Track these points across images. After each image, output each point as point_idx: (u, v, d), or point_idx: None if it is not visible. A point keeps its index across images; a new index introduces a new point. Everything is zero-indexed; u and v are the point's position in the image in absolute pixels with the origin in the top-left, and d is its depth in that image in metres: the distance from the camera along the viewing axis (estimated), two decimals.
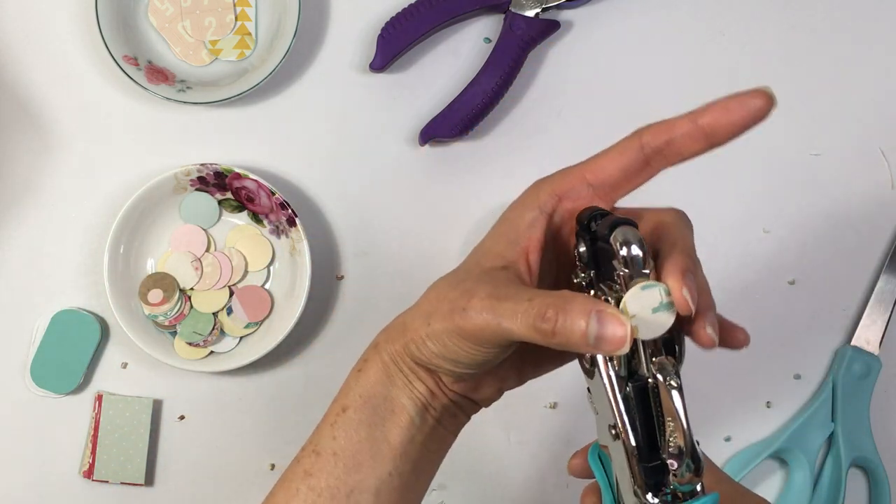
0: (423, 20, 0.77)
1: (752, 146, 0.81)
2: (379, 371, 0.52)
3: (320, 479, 0.52)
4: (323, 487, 0.52)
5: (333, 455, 0.52)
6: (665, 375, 0.44)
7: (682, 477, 0.45)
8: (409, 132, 0.79)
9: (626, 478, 0.47)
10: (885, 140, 0.82)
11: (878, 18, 0.82)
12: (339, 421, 0.52)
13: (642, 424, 0.46)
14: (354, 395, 0.53)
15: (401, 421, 0.52)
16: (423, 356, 0.50)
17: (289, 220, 0.75)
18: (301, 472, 0.53)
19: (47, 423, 0.76)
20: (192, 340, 0.76)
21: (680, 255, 0.46)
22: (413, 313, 0.51)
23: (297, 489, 0.52)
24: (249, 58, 0.78)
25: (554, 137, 0.80)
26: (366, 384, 0.52)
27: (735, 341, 0.49)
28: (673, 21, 0.81)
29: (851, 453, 0.78)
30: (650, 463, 0.46)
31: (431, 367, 0.51)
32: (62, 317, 0.76)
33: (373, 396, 0.52)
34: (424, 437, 0.53)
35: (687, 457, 0.45)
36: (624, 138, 0.50)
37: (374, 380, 0.52)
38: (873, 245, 0.81)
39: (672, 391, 0.44)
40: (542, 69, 0.80)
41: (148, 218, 0.76)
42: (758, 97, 0.48)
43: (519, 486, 0.78)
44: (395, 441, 0.52)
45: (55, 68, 0.78)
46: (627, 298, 0.44)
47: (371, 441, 0.52)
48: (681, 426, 0.44)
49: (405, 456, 0.52)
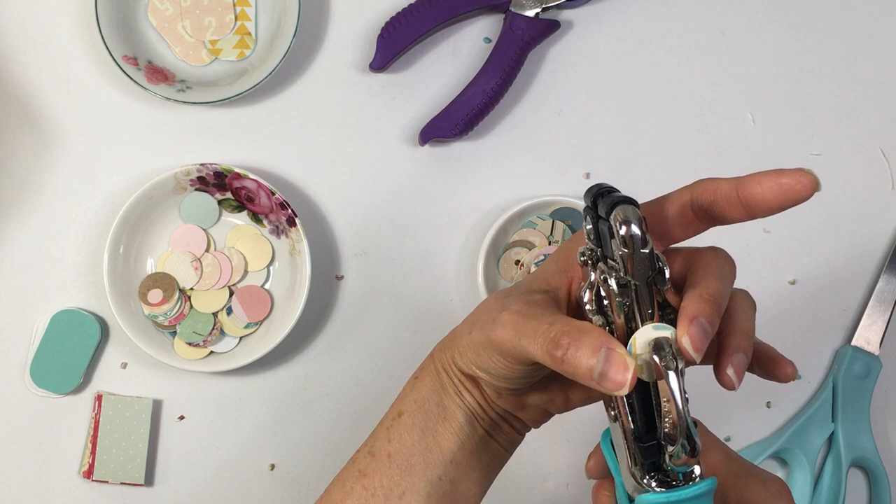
0: (423, 20, 0.77)
1: (753, 146, 0.81)
2: (433, 379, 0.54)
3: (374, 479, 0.53)
4: (376, 487, 0.53)
5: (388, 457, 0.54)
6: (661, 356, 0.44)
7: (678, 458, 0.45)
8: (409, 132, 0.79)
9: (624, 459, 0.47)
10: (885, 140, 0.82)
11: (878, 18, 0.82)
12: (395, 425, 0.54)
13: (641, 405, 0.46)
14: (409, 401, 0.55)
15: (451, 427, 0.54)
16: (464, 365, 0.52)
17: (289, 220, 0.75)
18: (356, 471, 0.54)
19: (47, 423, 0.76)
20: (191, 340, 0.76)
21: (697, 299, 0.46)
22: (462, 324, 0.53)
23: (351, 488, 0.54)
24: (249, 58, 0.78)
25: (554, 137, 0.80)
26: (420, 391, 0.55)
27: (782, 375, 0.51)
28: (673, 21, 0.81)
29: (851, 453, 0.78)
30: (646, 443, 0.46)
31: (474, 376, 0.53)
32: (62, 317, 0.76)
33: (426, 402, 0.54)
34: (474, 445, 0.54)
35: (682, 437, 0.44)
36: (680, 188, 0.50)
37: (429, 387, 0.54)
38: (873, 245, 0.81)
39: (668, 372, 0.44)
40: (542, 69, 0.80)
41: (148, 218, 0.76)
42: (798, 180, 0.47)
43: (519, 485, 0.78)
44: (446, 446, 0.53)
45: (55, 68, 0.78)
46: (637, 337, 0.45)
47: (423, 445, 0.53)
48: (675, 407, 0.44)
49: (455, 462, 0.53)
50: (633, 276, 0.45)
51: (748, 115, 0.81)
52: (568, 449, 0.79)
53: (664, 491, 0.45)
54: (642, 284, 0.45)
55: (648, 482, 0.46)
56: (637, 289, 0.45)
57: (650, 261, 0.45)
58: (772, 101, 0.81)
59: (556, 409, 0.55)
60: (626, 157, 0.80)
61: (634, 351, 0.44)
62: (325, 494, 0.55)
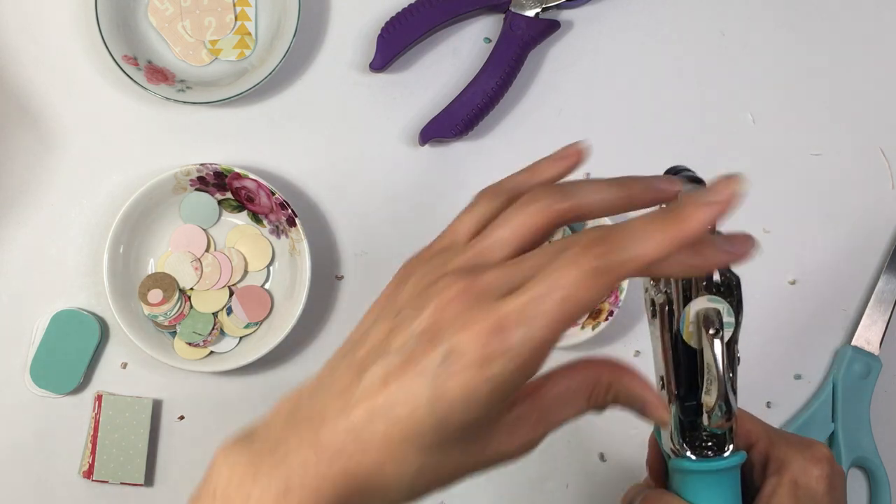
0: (423, 20, 0.77)
1: (753, 146, 0.81)
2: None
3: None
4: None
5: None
6: (708, 326, 0.47)
7: (715, 420, 0.48)
8: (409, 132, 0.79)
9: (668, 421, 0.49)
10: (885, 140, 0.82)
11: (878, 18, 0.82)
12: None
13: (687, 369, 0.48)
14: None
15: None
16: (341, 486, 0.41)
17: (289, 220, 0.75)
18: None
19: (47, 423, 0.76)
20: (191, 340, 0.76)
21: None
22: (322, 407, 0.42)
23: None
24: (249, 58, 0.78)
25: (554, 137, 0.80)
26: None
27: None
28: (673, 21, 0.81)
29: (851, 453, 0.78)
30: (687, 403, 0.49)
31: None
32: (62, 317, 0.76)
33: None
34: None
35: (720, 400, 0.47)
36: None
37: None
38: (873, 245, 0.81)
39: (714, 340, 0.47)
40: (542, 69, 0.80)
41: (148, 218, 0.76)
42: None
43: (519, 486, 0.78)
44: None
45: (55, 68, 0.78)
46: (691, 306, 0.48)
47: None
48: (716, 373, 0.47)
49: None
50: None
51: (748, 115, 0.81)
52: (568, 449, 0.79)
53: (696, 459, 0.49)
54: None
55: (684, 446, 0.49)
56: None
57: None
58: (772, 101, 0.81)
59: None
60: (627, 157, 0.80)
61: (688, 318, 0.47)
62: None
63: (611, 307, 0.76)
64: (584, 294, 0.40)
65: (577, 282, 0.39)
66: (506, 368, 0.40)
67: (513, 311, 0.40)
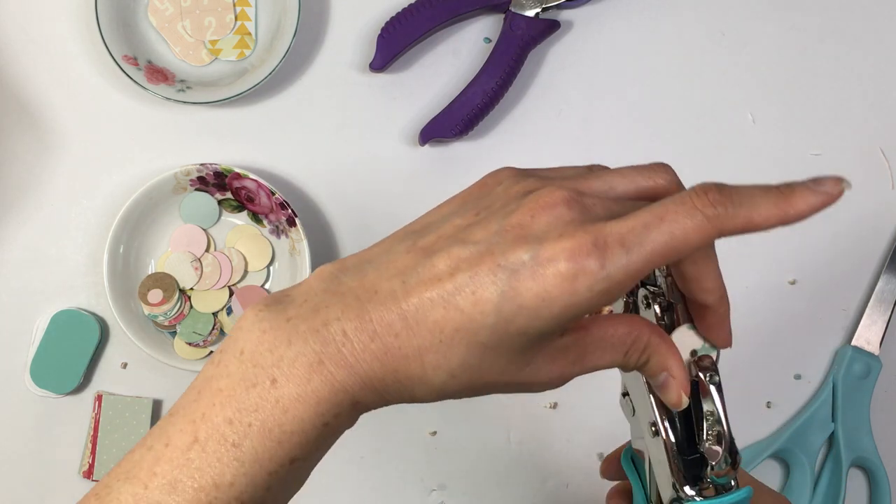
0: (423, 20, 0.77)
1: (753, 146, 0.81)
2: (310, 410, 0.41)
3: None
4: None
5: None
6: (706, 373, 0.45)
7: (720, 469, 0.46)
8: (409, 132, 0.79)
9: (665, 473, 0.47)
10: (885, 140, 0.82)
11: (878, 18, 0.82)
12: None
13: (682, 420, 0.47)
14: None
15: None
16: (403, 394, 0.41)
17: (289, 220, 0.75)
18: None
19: (47, 423, 0.76)
20: (191, 340, 0.76)
21: (720, 299, 0.47)
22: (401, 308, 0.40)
23: None
24: (249, 58, 0.78)
25: (554, 137, 0.80)
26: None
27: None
28: (673, 21, 0.81)
29: (851, 453, 0.78)
30: (689, 456, 0.47)
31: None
32: (62, 317, 0.76)
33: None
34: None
35: (725, 451, 0.46)
36: None
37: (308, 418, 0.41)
38: (873, 245, 0.81)
39: (712, 388, 0.45)
40: (542, 69, 0.80)
41: (148, 218, 0.76)
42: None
43: (519, 486, 0.78)
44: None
45: (55, 68, 0.78)
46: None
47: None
48: (721, 421, 0.46)
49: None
50: (672, 299, 0.47)
51: (748, 115, 0.81)
52: (568, 449, 0.79)
53: (706, 499, 0.47)
54: (682, 305, 0.47)
55: (688, 493, 0.47)
56: (676, 309, 0.47)
57: None
58: (772, 101, 0.81)
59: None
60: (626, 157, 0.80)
61: None
62: None
63: (611, 307, 0.76)
64: (692, 234, 0.39)
65: (687, 220, 0.39)
66: (592, 289, 0.39)
67: (617, 233, 0.39)
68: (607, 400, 0.79)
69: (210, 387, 0.41)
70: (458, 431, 0.78)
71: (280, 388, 0.40)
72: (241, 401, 0.40)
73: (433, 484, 0.78)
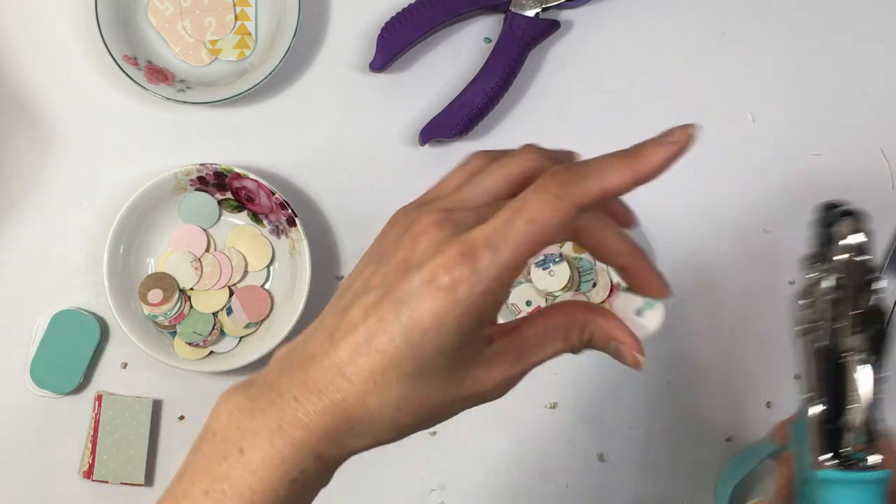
0: (423, 20, 0.77)
1: (753, 146, 0.81)
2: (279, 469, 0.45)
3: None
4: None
5: None
6: (855, 352, 0.52)
7: (856, 444, 0.52)
8: (409, 132, 0.79)
9: (811, 438, 0.53)
10: (885, 140, 0.82)
11: (878, 18, 0.82)
12: None
13: (832, 392, 0.53)
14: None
15: None
16: (366, 444, 0.45)
17: (289, 220, 0.75)
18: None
19: (47, 423, 0.76)
20: (191, 340, 0.76)
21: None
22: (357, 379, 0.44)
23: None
24: (249, 58, 0.78)
25: (554, 137, 0.80)
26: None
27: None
28: (673, 21, 0.81)
29: None
30: (831, 426, 0.53)
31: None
32: (62, 317, 0.76)
33: None
34: None
35: (861, 425, 0.52)
36: None
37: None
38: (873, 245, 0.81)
39: (858, 366, 0.52)
40: (542, 69, 0.80)
41: (148, 218, 0.76)
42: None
43: (519, 486, 0.78)
44: None
45: (55, 68, 0.78)
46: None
47: None
48: (859, 398, 0.52)
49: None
50: (848, 278, 0.54)
51: (748, 115, 0.81)
52: (568, 449, 0.79)
53: (839, 470, 0.52)
54: (853, 287, 0.54)
55: (821, 459, 0.53)
56: (846, 290, 0.53)
57: (865, 268, 0.54)
58: (772, 101, 0.81)
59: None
60: None
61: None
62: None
63: None
64: (550, 217, 0.42)
65: (542, 205, 0.42)
66: (472, 292, 0.42)
67: (482, 236, 0.42)
68: (607, 400, 0.79)
69: (190, 469, 0.47)
70: (458, 431, 0.78)
71: (247, 456, 0.45)
72: (215, 473, 0.45)
73: (433, 484, 0.78)
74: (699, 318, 0.80)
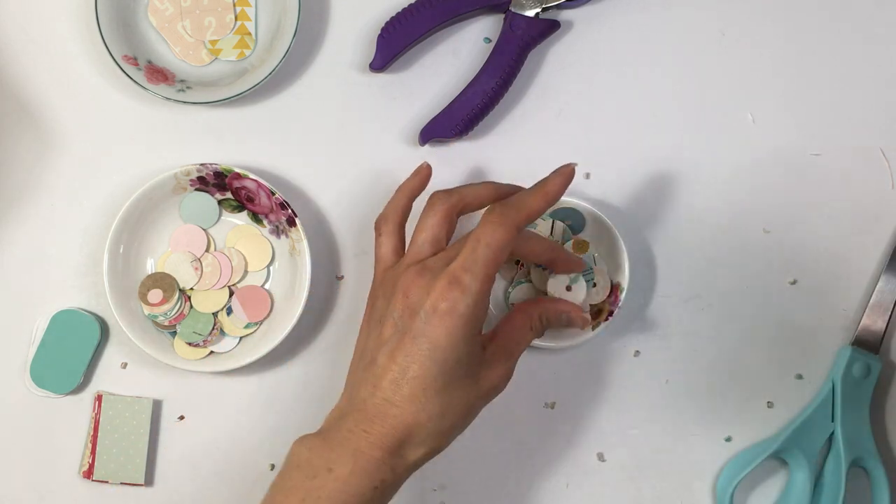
0: (423, 20, 0.77)
1: (753, 146, 0.81)
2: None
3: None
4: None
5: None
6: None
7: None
8: (409, 132, 0.79)
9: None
10: (885, 140, 0.82)
11: (878, 18, 0.82)
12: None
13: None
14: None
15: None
16: (421, 456, 0.62)
17: (289, 220, 0.75)
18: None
19: (47, 424, 0.76)
20: (191, 340, 0.76)
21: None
22: (417, 410, 0.62)
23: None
24: (249, 58, 0.78)
25: (554, 137, 0.80)
26: None
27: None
28: (673, 21, 0.81)
29: (851, 453, 0.78)
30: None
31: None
32: (62, 317, 0.76)
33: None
34: None
35: None
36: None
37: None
38: (873, 245, 0.81)
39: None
40: (542, 69, 0.80)
41: (148, 218, 0.76)
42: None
43: (519, 486, 0.78)
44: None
45: (55, 68, 0.78)
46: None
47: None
48: None
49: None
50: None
51: (748, 115, 0.81)
52: (568, 449, 0.79)
53: None
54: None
55: None
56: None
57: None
58: (772, 101, 0.81)
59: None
60: (626, 157, 0.80)
61: None
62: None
63: (611, 307, 0.76)
64: (500, 238, 0.59)
65: (493, 232, 0.59)
66: (468, 305, 0.58)
67: (458, 266, 0.59)
68: (606, 400, 0.79)
69: (279, 492, 0.59)
70: None
71: (336, 472, 0.58)
72: (307, 487, 0.57)
73: (433, 484, 0.78)
74: (699, 318, 0.80)
